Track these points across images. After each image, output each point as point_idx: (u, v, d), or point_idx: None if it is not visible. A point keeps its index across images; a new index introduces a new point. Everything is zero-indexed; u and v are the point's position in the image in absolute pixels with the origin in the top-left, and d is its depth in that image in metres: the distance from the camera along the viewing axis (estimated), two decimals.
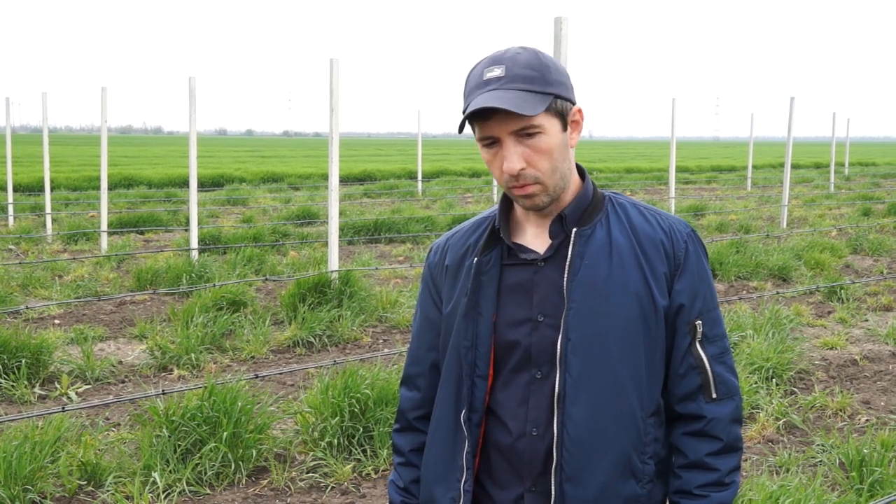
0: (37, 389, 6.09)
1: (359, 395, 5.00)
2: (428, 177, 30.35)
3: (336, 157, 8.26)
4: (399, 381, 2.05)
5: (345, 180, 29.86)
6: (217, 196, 22.72)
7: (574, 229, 1.76)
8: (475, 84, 1.70)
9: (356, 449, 4.90)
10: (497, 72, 1.68)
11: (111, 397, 5.96)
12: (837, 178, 30.93)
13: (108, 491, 4.39)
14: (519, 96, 1.64)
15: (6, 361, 6.20)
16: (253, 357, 7.03)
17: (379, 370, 5.37)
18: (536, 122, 1.66)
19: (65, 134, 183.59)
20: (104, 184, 12.56)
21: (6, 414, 5.53)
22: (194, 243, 10.86)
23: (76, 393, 6.08)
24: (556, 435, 1.71)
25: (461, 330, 1.79)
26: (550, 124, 1.69)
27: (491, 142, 1.70)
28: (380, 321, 8.19)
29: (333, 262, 8.34)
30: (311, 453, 4.90)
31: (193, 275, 9.45)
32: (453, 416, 1.81)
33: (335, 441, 4.88)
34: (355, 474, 4.74)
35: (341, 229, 13.60)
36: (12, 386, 6.01)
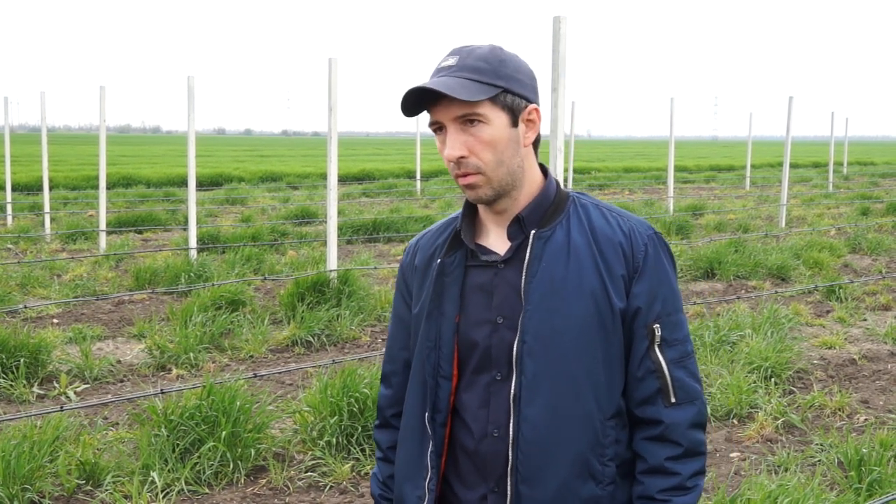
0: (35, 389, 6.08)
1: (357, 394, 5.00)
2: (427, 176, 30.32)
3: (335, 157, 8.26)
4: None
5: (343, 180, 29.85)
6: (216, 195, 22.72)
7: (533, 231, 1.76)
8: (431, 73, 1.74)
9: (355, 448, 4.90)
10: (451, 61, 1.71)
11: (110, 396, 5.96)
12: (836, 177, 30.94)
13: (106, 490, 4.39)
14: (461, 83, 1.66)
15: (5, 361, 6.20)
16: (251, 356, 7.03)
17: (378, 369, 5.37)
18: (479, 111, 1.68)
19: (63, 133, 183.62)
20: (103, 183, 12.55)
21: (5, 413, 5.53)
22: (193, 242, 10.86)
23: (75, 392, 6.07)
24: (511, 436, 1.72)
25: (425, 331, 1.82)
26: (496, 116, 1.69)
27: (437, 127, 1.73)
28: (378, 320, 8.18)
29: (332, 262, 8.34)
30: (310, 452, 4.90)
31: (192, 274, 9.45)
32: (419, 416, 1.83)
33: (334, 440, 4.88)
34: (354, 473, 4.74)
35: (340, 229, 13.60)
36: (11, 385, 6.01)
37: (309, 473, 4.73)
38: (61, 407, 5.01)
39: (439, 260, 1.83)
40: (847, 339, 7.76)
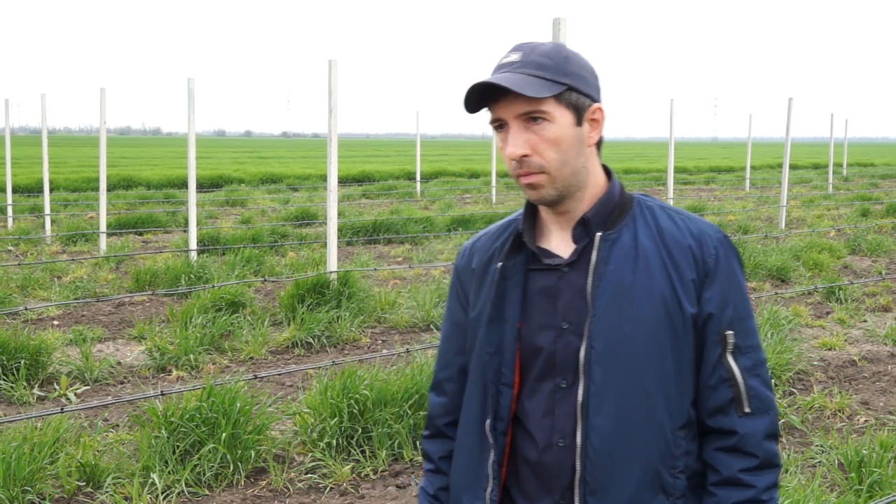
0: (35, 390, 6.08)
1: (357, 395, 5.00)
2: (426, 177, 30.36)
3: (335, 158, 8.26)
4: (429, 386, 2.02)
5: (343, 181, 29.86)
6: (216, 197, 22.73)
7: (598, 234, 1.70)
8: (493, 69, 1.69)
9: (355, 450, 4.90)
10: (513, 57, 1.66)
11: (110, 398, 5.96)
12: (836, 178, 30.96)
13: (106, 492, 4.39)
14: (525, 79, 1.61)
15: (5, 362, 6.20)
16: (252, 358, 7.03)
17: (377, 371, 5.37)
18: (543, 108, 1.63)
19: (64, 135, 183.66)
20: (103, 185, 12.56)
21: (5, 415, 5.53)
22: (193, 244, 10.86)
23: (75, 394, 6.08)
24: (579, 446, 1.65)
25: (485, 336, 1.75)
26: (560, 114, 1.64)
27: (499, 125, 1.67)
28: (378, 322, 8.19)
29: (332, 263, 8.34)
30: (310, 454, 4.90)
31: (192, 276, 9.45)
32: (479, 424, 1.76)
33: (334, 442, 4.88)
34: (354, 475, 4.74)
35: (340, 230, 13.61)
36: (11, 387, 6.01)
37: (309, 475, 4.73)
38: (62, 409, 5.01)
39: (500, 263, 1.75)
40: (847, 341, 7.76)
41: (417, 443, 5.08)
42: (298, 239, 13.91)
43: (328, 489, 4.61)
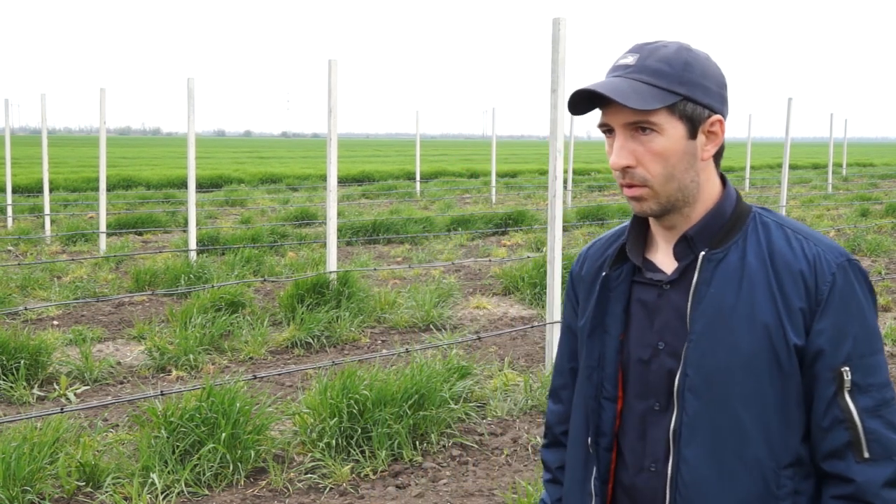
0: (35, 390, 6.09)
1: (357, 395, 5.00)
2: (426, 177, 30.36)
3: (334, 158, 8.27)
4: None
5: (343, 181, 29.87)
6: (215, 197, 22.73)
7: (702, 253, 1.59)
8: (608, 70, 1.62)
9: (354, 450, 4.90)
10: (629, 59, 1.57)
11: (110, 398, 5.96)
12: (835, 178, 30.96)
13: (106, 492, 4.39)
14: (635, 87, 1.52)
15: (5, 362, 6.21)
16: (251, 358, 7.04)
17: (377, 371, 5.38)
18: (652, 119, 1.53)
19: (64, 135, 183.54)
20: (103, 185, 12.57)
21: (5, 415, 5.54)
22: (193, 244, 10.87)
23: (75, 394, 6.08)
24: (670, 475, 1.58)
25: (588, 348, 1.70)
26: (671, 126, 1.54)
27: (607, 130, 1.59)
28: (378, 322, 8.19)
29: (332, 263, 8.35)
30: (310, 454, 4.90)
31: (192, 276, 9.46)
32: (583, 439, 1.71)
33: (333, 442, 4.89)
34: (354, 475, 4.75)
35: (340, 230, 13.61)
36: (11, 387, 6.02)
37: (308, 475, 4.74)
38: (61, 409, 5.02)
39: (604, 273, 1.70)
40: None
41: (417, 443, 5.09)
42: (298, 239, 13.91)
43: (328, 489, 4.61)
